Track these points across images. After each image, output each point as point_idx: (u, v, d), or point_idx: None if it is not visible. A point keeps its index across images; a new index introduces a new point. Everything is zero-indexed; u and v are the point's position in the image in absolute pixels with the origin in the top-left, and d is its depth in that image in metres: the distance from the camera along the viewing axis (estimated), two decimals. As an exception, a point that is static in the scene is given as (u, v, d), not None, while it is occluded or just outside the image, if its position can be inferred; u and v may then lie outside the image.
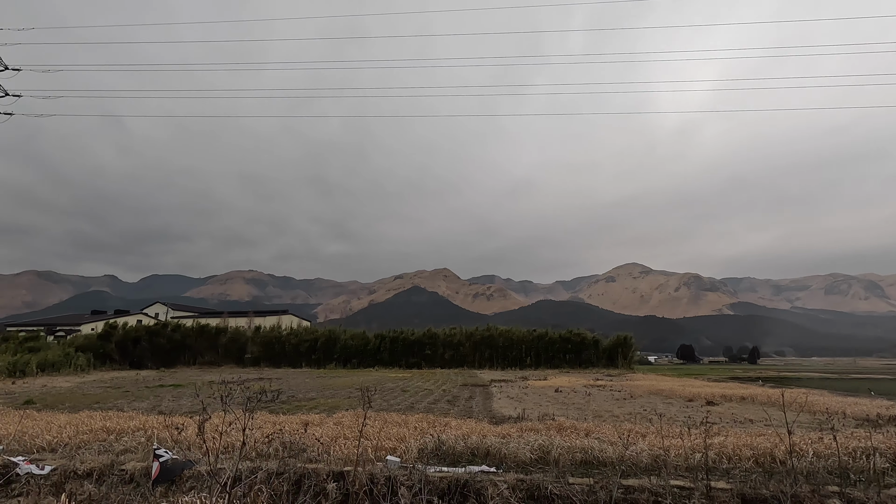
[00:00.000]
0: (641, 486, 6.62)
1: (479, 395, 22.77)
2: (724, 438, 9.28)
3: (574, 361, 64.51)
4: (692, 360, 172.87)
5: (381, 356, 63.87)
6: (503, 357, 64.90)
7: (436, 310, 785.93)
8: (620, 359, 65.11)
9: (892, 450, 8.43)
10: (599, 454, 8.46)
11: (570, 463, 8.31)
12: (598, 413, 15.66)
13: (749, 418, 14.42)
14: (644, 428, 10.86)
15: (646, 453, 8.31)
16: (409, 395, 22.17)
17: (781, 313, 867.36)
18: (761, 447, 8.51)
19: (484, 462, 8.33)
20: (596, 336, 69.21)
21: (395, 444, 8.96)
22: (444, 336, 67.34)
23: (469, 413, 15.27)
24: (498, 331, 67.79)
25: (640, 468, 7.86)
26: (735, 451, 8.50)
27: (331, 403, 17.82)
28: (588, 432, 10.29)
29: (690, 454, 8.04)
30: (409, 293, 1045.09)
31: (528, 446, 8.82)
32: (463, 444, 9.13)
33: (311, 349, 62.45)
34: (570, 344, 66.07)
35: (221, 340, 60.82)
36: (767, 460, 8.10)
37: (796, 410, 15.85)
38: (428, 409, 16.09)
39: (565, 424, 11.28)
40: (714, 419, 13.67)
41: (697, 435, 8.76)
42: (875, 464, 7.71)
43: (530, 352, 65.33)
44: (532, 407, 17.32)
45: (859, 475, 7.38)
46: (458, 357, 64.96)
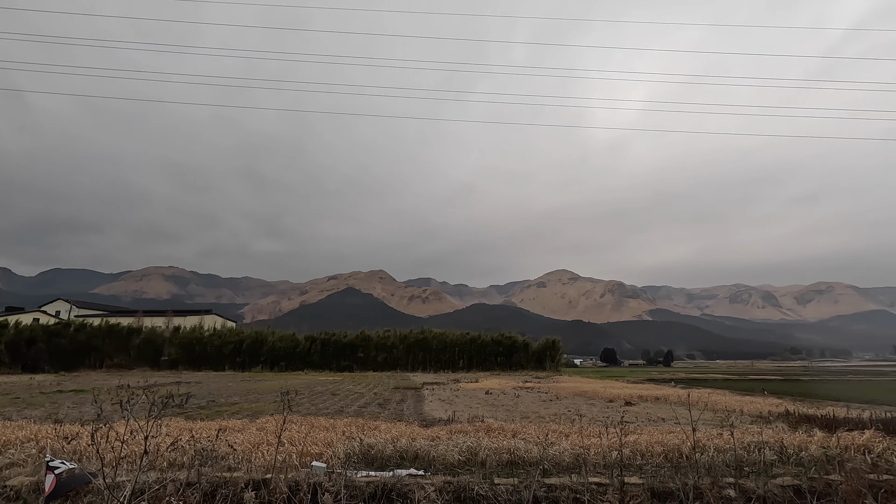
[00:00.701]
0: (562, 484, 6.88)
1: (411, 398, 22.71)
2: (638, 437, 9.88)
3: (505, 364, 66.14)
4: (614, 363, 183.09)
5: (311, 359, 61.96)
6: (437, 360, 65.23)
7: (370, 312, 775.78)
8: (549, 361, 67.67)
9: (778, 443, 9.38)
10: (525, 454, 8.70)
11: (496, 464, 8.49)
12: (525, 414, 16.14)
13: (661, 417, 15.47)
14: (567, 428, 11.33)
15: (568, 452, 8.65)
16: (339, 399, 21.67)
17: (693, 319, 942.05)
18: (670, 444, 9.15)
19: (413, 465, 8.30)
20: (526, 339, 71.48)
21: (322, 449, 8.70)
22: (378, 338, 66.59)
23: (400, 416, 15.18)
24: (432, 334, 68.10)
25: (562, 467, 8.17)
26: (648, 448, 9.07)
27: (255, 408, 17.01)
28: (515, 433, 10.56)
29: (608, 452, 8.47)
30: (343, 294, 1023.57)
31: (457, 448, 8.90)
32: (392, 448, 9.04)
33: (235, 351, 59.32)
34: (502, 347, 67.73)
35: (134, 341, 56.21)
36: (675, 456, 8.72)
37: (701, 409, 17.25)
38: (358, 413, 15.80)
39: (493, 426, 11.52)
40: (631, 419, 14.53)
41: (614, 434, 9.24)
42: (764, 456, 8.55)
43: (463, 354, 66.19)
44: (463, 409, 17.53)
45: (752, 467, 8.14)
46: (392, 360, 64.47)
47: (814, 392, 28.71)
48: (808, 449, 9.17)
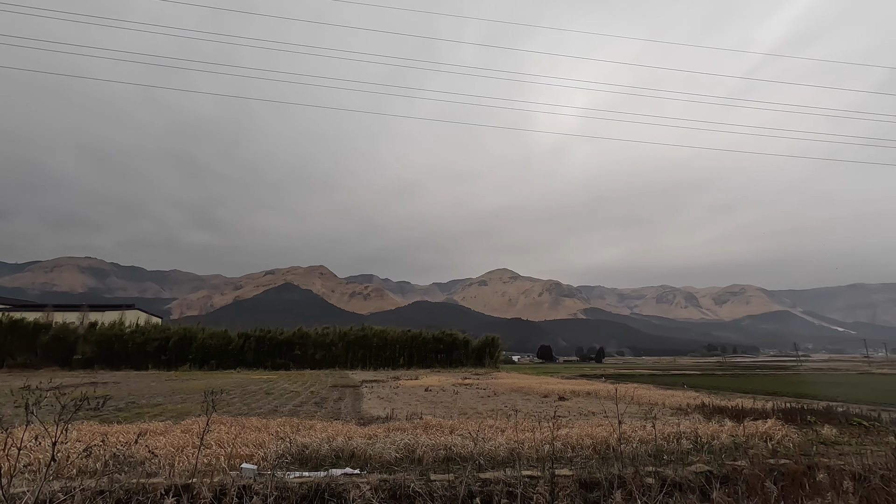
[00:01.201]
0: (497, 478, 7.04)
1: (349, 396, 22.36)
2: (569, 430, 10.29)
3: (446, 361, 66.71)
4: (550, 360, 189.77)
5: (244, 357, 59.41)
6: (377, 357, 64.65)
7: (309, 308, 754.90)
8: (488, 358, 69.01)
9: (694, 433, 10.12)
10: (461, 450, 8.81)
11: (433, 460, 8.54)
12: (463, 410, 16.35)
13: (592, 411, 16.22)
14: (503, 423, 11.60)
15: (503, 447, 8.86)
16: (274, 398, 20.93)
17: (623, 318, 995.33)
18: (599, 436, 9.61)
19: (349, 464, 8.18)
20: (467, 337, 72.47)
21: (253, 450, 8.37)
22: (316, 336, 65.00)
23: (337, 415, 14.90)
24: (373, 331, 67.41)
25: (497, 461, 8.36)
26: (578, 441, 9.48)
27: (180, 409, 16.04)
28: (452, 429, 10.67)
29: (541, 446, 8.76)
30: (280, 290, 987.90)
31: (394, 446, 8.86)
32: (328, 447, 8.85)
33: (161, 349, 55.71)
34: (443, 344, 68.24)
35: (42, 339, 51.32)
36: (603, 447, 9.17)
37: (628, 403, 18.25)
38: (293, 412, 15.33)
39: (432, 423, 11.57)
40: (563, 413, 15.12)
41: (547, 428, 9.58)
42: (682, 445, 9.20)
43: (404, 352, 66.04)
44: (402, 406, 17.47)
45: (671, 455, 8.73)
46: (330, 357, 63.17)
47: (726, 386, 31.26)
48: (719, 438, 9.96)
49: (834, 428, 11.42)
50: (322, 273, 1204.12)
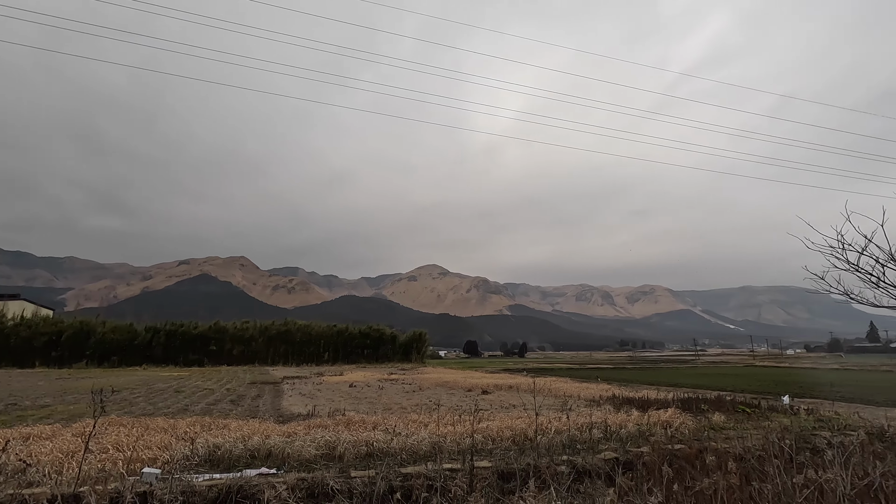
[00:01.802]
0: (418, 472, 7.07)
1: (269, 394, 21.47)
2: (490, 423, 10.58)
3: (372, 356, 66.09)
4: (475, 355, 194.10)
5: (152, 353, 55.08)
6: (300, 353, 62.66)
7: (227, 301, 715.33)
8: (415, 353, 69.24)
9: (604, 423, 10.80)
10: (384, 445, 8.76)
11: (355, 457, 8.41)
12: (388, 406, 16.27)
13: (513, 404, 16.78)
14: (426, 418, 11.68)
15: (426, 441, 8.93)
16: (185, 397, 19.59)
17: (545, 315, 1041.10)
18: (518, 428, 9.97)
19: (265, 464, 7.84)
20: (394, 332, 72.22)
21: (158, 453, 7.76)
22: (235, 330, 61.72)
23: (254, 413, 14.23)
24: (296, 325, 65.22)
25: (419, 456, 8.40)
26: (498, 433, 9.76)
27: (72, 411, 14.53)
28: (376, 425, 10.58)
29: (462, 439, 8.93)
30: (195, 281, 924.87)
31: (314, 444, 8.62)
32: (242, 447, 8.43)
33: (51, 344, 50.15)
34: (370, 339, 67.52)
35: None
36: (522, 439, 9.52)
37: (546, 396, 19.12)
38: (206, 411, 14.43)
39: (354, 419, 11.40)
40: (486, 406, 15.52)
41: (469, 421, 9.79)
42: (593, 435, 9.79)
43: (329, 347, 64.57)
44: (324, 403, 17.06)
45: (583, 444, 9.25)
46: (250, 353, 60.28)
47: (635, 378, 33.73)
48: (626, 426, 10.71)
49: (723, 415, 12.69)
50: (243, 264, 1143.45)
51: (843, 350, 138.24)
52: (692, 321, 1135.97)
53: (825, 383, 27.48)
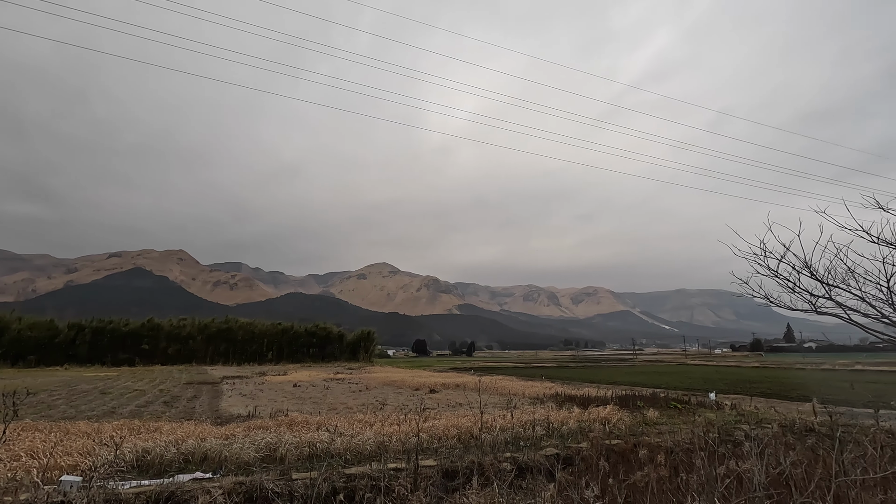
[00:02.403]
0: (362, 472, 6.99)
1: (206, 394, 20.52)
2: (436, 422, 10.63)
3: (318, 355, 64.64)
4: (424, 354, 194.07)
5: (76, 351, 51.27)
6: (242, 352, 60.34)
7: (163, 297, 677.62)
8: (362, 352, 68.36)
9: (546, 420, 11.12)
10: (328, 446, 8.59)
11: (297, 458, 8.20)
12: (333, 406, 15.97)
13: (459, 402, 16.94)
14: (372, 417, 11.57)
15: (371, 441, 8.84)
16: (112, 399, 18.36)
17: (494, 314, 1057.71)
18: (464, 426, 10.07)
19: (200, 468, 7.48)
20: (342, 331, 71.02)
21: (79, 459, 7.23)
22: (171, 328, 58.53)
23: (190, 415, 13.55)
24: (238, 323, 62.74)
25: (364, 456, 8.31)
26: (444, 431, 9.82)
27: (-20, 415, 13.23)
28: (320, 426, 10.35)
29: (408, 438, 8.91)
30: (128, 276, 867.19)
31: (254, 446, 8.33)
32: (175, 451, 8.01)
33: (-45, 342, 45.52)
34: (316, 338, 66.03)
35: None
36: (467, 437, 9.62)
37: (492, 394, 19.44)
38: (135, 414, 13.60)
39: (298, 419, 11.11)
40: (433, 405, 15.58)
41: (415, 420, 9.78)
42: (536, 432, 10.05)
43: (273, 346, 62.56)
44: (266, 404, 16.51)
45: (526, 441, 9.48)
46: (187, 352, 57.37)
47: (577, 376, 34.96)
48: (568, 423, 11.07)
49: (656, 411, 13.40)
50: (182, 258, 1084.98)
51: (763, 349, 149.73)
52: (631, 322, 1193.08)
53: (747, 380, 29.66)
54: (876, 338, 8.97)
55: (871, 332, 9.18)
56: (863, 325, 8.38)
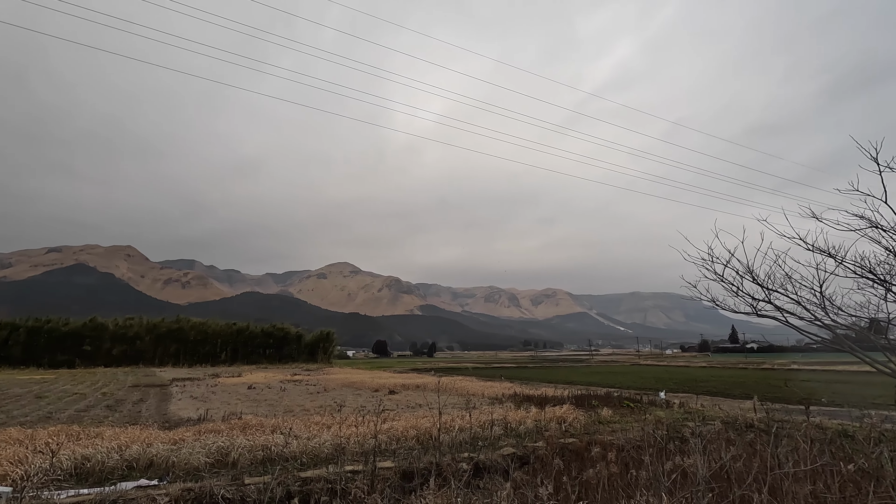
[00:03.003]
0: (318, 475, 6.87)
1: (154, 397, 19.62)
2: (395, 423, 10.57)
3: (275, 357, 63.02)
4: (385, 355, 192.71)
5: (9, 352, 47.94)
6: (194, 353, 58.05)
7: (108, 295, 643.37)
8: (321, 353, 67.15)
9: (504, 420, 11.28)
10: (284, 449, 8.39)
11: (251, 462, 7.96)
12: (289, 408, 15.61)
13: (419, 403, 16.91)
14: (329, 420, 11.38)
15: (328, 444, 8.69)
16: (48, 403, 17.25)
17: (455, 315, 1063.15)
18: (423, 427, 10.06)
19: (145, 475, 7.14)
20: (300, 331, 69.50)
21: (10, 468, 6.75)
22: (116, 328, 55.60)
23: (135, 419, 12.92)
24: (190, 323, 60.30)
25: (321, 459, 8.16)
26: (403, 432, 9.78)
27: None
28: (275, 429, 10.09)
29: (366, 440, 8.82)
30: (68, 272, 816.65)
31: (205, 450, 8.02)
32: (118, 457, 7.61)
33: None
34: (273, 339, 64.35)
35: None
36: (426, 437, 9.62)
37: (451, 394, 19.52)
38: (75, 419, 12.83)
39: (252, 422, 10.79)
40: (392, 406, 15.49)
41: (373, 422, 9.71)
42: (494, 431, 10.17)
43: (227, 347, 60.55)
44: (219, 406, 15.94)
45: (484, 441, 9.58)
46: (134, 353, 54.67)
47: (535, 377, 35.62)
48: (525, 423, 11.26)
49: (610, 409, 13.83)
50: (130, 255, 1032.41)
51: (710, 350, 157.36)
52: (588, 323, 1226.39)
53: (695, 380, 31.09)
54: (810, 339, 9.61)
55: (806, 334, 9.83)
56: (798, 328, 8.98)
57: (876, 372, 7.66)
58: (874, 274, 7.81)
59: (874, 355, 7.62)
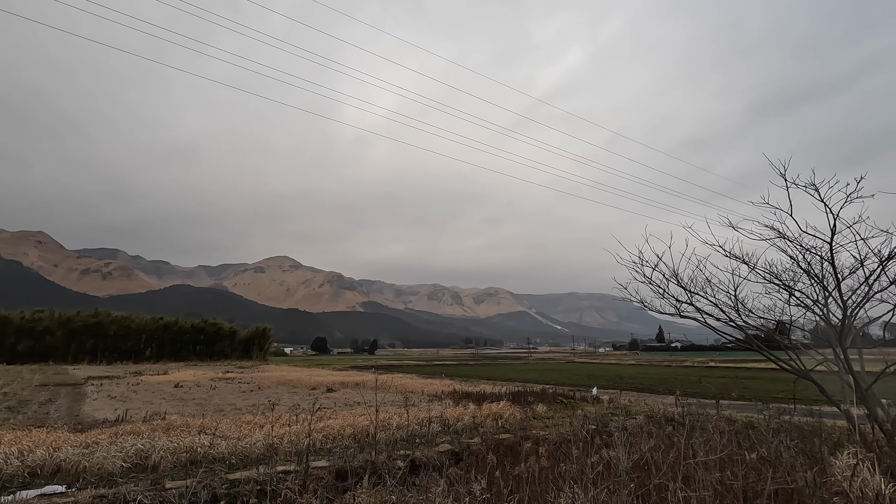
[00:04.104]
0: (248, 477, 6.61)
1: (65, 397, 18.08)
2: (332, 421, 10.37)
3: (206, 354, 59.98)
4: (324, 352, 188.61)
5: None
6: (114, 349, 54.07)
7: (13, 286, 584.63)
8: (256, 350, 64.66)
9: (442, 417, 11.37)
10: (211, 450, 7.99)
11: (174, 465, 7.51)
12: (220, 407, 14.91)
13: (357, 401, 16.67)
14: (262, 419, 10.97)
15: (260, 443, 8.38)
16: (-64, 404, 15.41)
17: (398, 312, 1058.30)
18: (360, 426, 9.93)
19: (51, 481, 6.55)
20: (234, 327, 66.52)
21: None
22: (22, 321, 50.70)
23: (42, 421, 11.81)
24: (111, 317, 56.03)
25: (252, 459, 7.86)
26: (340, 431, 9.61)
27: None
28: (203, 429, 9.59)
29: (300, 439, 8.59)
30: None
31: (122, 453, 7.48)
32: (18, 463, 6.93)
33: None
34: (204, 334, 61.18)
35: None
36: (363, 436, 9.51)
37: (390, 392, 19.43)
38: (-32, 422, 11.54)
39: (176, 423, 10.18)
40: (329, 404, 15.19)
41: (309, 421, 9.47)
42: (432, 428, 10.22)
43: (152, 343, 56.86)
44: (140, 406, 14.93)
45: (422, 438, 9.61)
46: (43, 349, 50.09)
47: (475, 374, 36.19)
48: (463, 419, 11.41)
49: (545, 406, 14.30)
50: (41, 241, 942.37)
51: (639, 348, 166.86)
52: (528, 322, 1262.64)
53: (624, 377, 32.85)
54: (725, 339, 10.44)
55: (722, 334, 10.66)
56: (715, 328, 9.73)
57: (780, 369, 8.48)
58: (780, 280, 8.62)
59: (779, 354, 8.43)
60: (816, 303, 8.03)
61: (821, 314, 8.04)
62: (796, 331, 9.58)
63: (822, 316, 8.03)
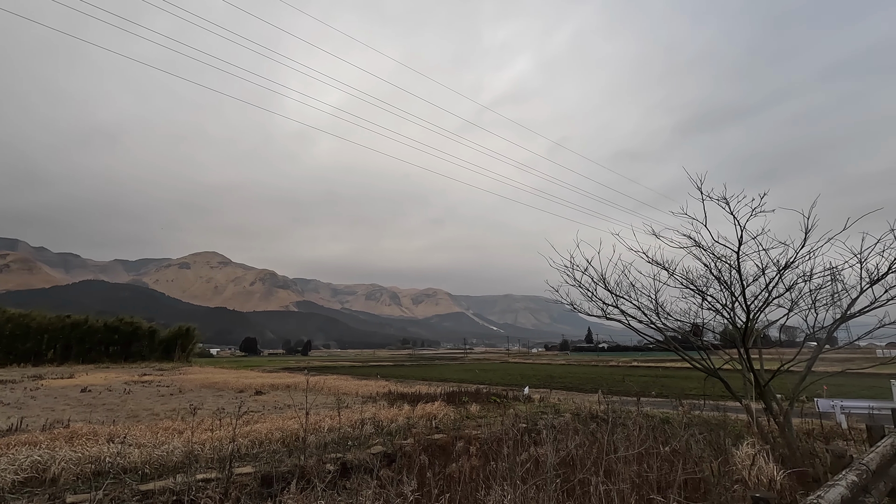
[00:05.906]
0: (164, 487, 6.17)
1: (-53, 405, 15.97)
2: (259, 425, 9.93)
3: (121, 355, 55.51)
4: (254, 353, 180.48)
5: None
6: (10, 350, 48.74)
7: None
8: (178, 351, 60.69)
9: (376, 418, 11.24)
10: (122, 460, 7.38)
11: (77, 478, 6.86)
12: (134, 413, 13.84)
13: (288, 404, 16.09)
14: (182, 424, 10.30)
15: (179, 451, 7.86)
16: None
17: (334, 312, 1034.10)
18: (289, 429, 9.59)
19: (-78, 502, 5.75)
20: (153, 326, 62.00)
21: None
22: None
23: (-85, 432, 10.36)
24: (6, 315, 50.25)
25: (169, 468, 7.35)
26: (267, 435, 9.22)
27: None
28: (112, 437, 8.84)
29: (224, 445, 8.15)
30: None
31: (14, 466, 6.72)
32: None
33: None
34: (119, 334, 56.55)
35: None
36: (292, 440, 9.18)
37: (321, 393, 18.96)
38: None
39: (81, 431, 9.32)
40: (258, 408, 14.55)
41: (234, 425, 9.02)
42: (366, 430, 10.07)
43: (56, 343, 51.65)
44: (40, 414, 13.52)
45: (354, 441, 9.44)
46: (-80, 350, 43.98)
47: (411, 375, 36.13)
48: (397, 420, 11.33)
49: (479, 405, 14.54)
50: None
51: (569, 349, 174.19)
52: (464, 322, 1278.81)
53: (555, 376, 34.14)
54: (647, 340, 11.13)
55: (643, 336, 11.35)
56: (638, 330, 10.35)
57: (693, 368, 9.18)
58: (695, 285, 9.34)
59: (692, 354, 9.13)
60: (725, 307, 8.77)
61: (728, 317, 8.80)
62: (708, 333, 10.46)
63: (730, 319, 8.79)
